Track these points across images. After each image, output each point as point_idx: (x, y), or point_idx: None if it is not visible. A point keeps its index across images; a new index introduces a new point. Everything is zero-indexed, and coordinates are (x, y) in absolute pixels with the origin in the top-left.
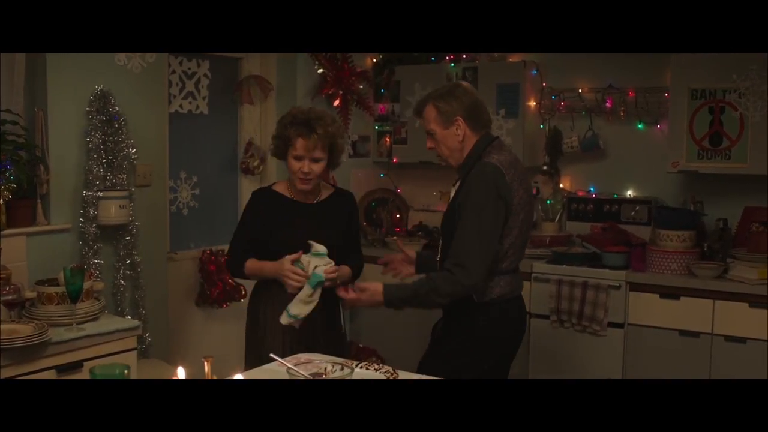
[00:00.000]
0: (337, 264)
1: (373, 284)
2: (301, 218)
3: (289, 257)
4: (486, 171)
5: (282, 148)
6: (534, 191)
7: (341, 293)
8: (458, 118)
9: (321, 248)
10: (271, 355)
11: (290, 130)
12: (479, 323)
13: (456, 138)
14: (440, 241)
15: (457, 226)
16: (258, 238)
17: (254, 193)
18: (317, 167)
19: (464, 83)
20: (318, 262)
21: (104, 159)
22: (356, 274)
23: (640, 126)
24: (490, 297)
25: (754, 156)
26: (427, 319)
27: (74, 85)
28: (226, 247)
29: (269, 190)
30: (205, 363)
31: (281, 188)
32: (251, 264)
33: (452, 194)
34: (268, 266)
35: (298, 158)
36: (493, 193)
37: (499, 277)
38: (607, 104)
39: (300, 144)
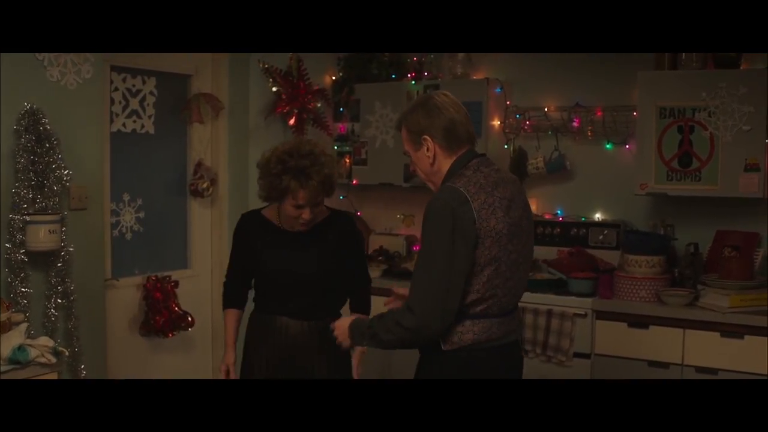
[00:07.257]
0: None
1: (340, 322)
2: (287, 245)
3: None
4: (437, 201)
5: (276, 196)
6: None
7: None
8: (425, 136)
9: None
10: None
11: (285, 179)
12: (443, 372)
13: (427, 159)
14: None
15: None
16: (246, 265)
17: (242, 216)
18: (317, 210)
19: (438, 96)
20: None
21: (33, 181)
22: (367, 310)
23: (608, 146)
24: (459, 344)
25: (724, 178)
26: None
27: (0, 101)
28: (173, 273)
29: (258, 214)
30: None
31: (270, 214)
32: (228, 318)
33: None
34: (227, 338)
35: (299, 207)
36: (444, 226)
37: (472, 321)
38: (574, 123)
39: (301, 195)
